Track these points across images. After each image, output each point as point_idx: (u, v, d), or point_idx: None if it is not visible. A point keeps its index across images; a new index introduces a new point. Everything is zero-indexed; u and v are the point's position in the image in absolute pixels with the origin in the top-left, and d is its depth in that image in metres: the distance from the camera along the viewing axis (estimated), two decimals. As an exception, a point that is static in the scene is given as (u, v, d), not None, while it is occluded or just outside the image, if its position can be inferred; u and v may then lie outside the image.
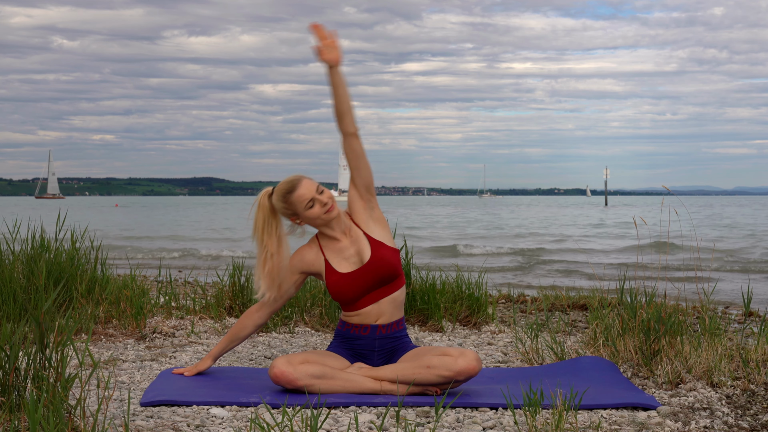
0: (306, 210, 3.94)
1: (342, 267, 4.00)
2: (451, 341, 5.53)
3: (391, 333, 4.01)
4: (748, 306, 5.56)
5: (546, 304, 6.98)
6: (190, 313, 6.13)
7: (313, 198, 3.93)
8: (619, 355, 4.51)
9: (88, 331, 5.26)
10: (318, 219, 3.96)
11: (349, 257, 4.01)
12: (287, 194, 3.95)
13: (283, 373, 3.74)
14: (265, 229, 3.99)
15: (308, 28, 4.05)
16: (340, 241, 4.03)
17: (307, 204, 3.93)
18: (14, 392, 3.06)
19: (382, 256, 3.98)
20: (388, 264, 3.97)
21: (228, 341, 4.17)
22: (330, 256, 4.03)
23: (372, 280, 3.96)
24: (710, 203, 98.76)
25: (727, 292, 10.34)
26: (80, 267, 5.81)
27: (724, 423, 3.50)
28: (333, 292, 4.01)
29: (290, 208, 3.96)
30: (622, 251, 20.10)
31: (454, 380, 3.78)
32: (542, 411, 3.53)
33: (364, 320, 3.99)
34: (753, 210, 62.95)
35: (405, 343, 4.04)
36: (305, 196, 3.93)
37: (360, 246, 4.01)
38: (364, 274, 3.96)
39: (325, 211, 3.95)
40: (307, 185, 3.95)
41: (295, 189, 3.94)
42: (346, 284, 3.97)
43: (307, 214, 3.95)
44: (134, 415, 3.47)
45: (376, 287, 3.98)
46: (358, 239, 4.03)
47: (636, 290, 4.64)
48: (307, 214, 3.95)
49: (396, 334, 4.02)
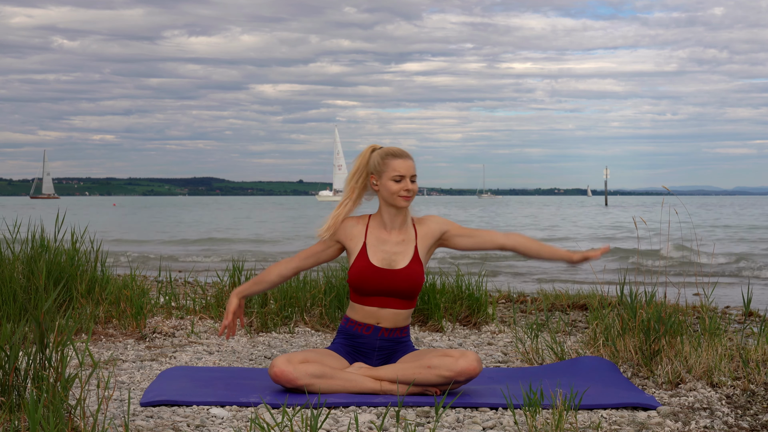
0: (389, 179, 3.97)
1: (375, 258, 3.99)
2: (451, 341, 5.53)
3: (394, 337, 4.00)
4: (748, 306, 5.56)
5: (546, 304, 6.98)
6: (190, 313, 6.14)
7: (403, 176, 3.97)
8: (619, 355, 4.51)
9: (88, 331, 5.26)
10: (391, 196, 3.98)
11: (386, 253, 4.00)
12: (389, 156, 4.00)
13: (282, 372, 3.74)
14: (355, 176, 4.07)
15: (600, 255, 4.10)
16: (388, 232, 4.03)
17: (395, 176, 3.97)
18: (14, 392, 3.06)
19: (414, 272, 3.98)
20: (414, 283, 3.98)
21: (253, 282, 4.21)
22: (370, 240, 4.03)
23: (390, 287, 3.95)
24: (710, 203, 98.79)
25: (727, 292, 10.34)
26: (80, 267, 5.81)
27: (724, 423, 3.50)
28: (352, 275, 3.99)
29: (381, 167, 3.99)
30: (622, 251, 20.10)
31: (454, 381, 3.78)
32: (542, 411, 3.53)
33: (364, 318, 3.99)
34: (753, 210, 62.95)
35: (406, 346, 4.05)
36: (400, 169, 3.97)
37: (402, 250, 4.01)
38: (387, 278, 3.95)
39: (403, 196, 3.97)
40: (409, 164, 4.00)
41: (398, 157, 4.00)
42: (367, 277, 3.95)
43: (388, 185, 3.97)
44: (134, 415, 3.47)
45: (389, 296, 3.97)
46: (405, 243, 4.03)
47: (636, 290, 4.64)
48: (388, 183, 3.97)
49: (398, 339, 4.02)
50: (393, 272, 3.96)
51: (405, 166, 3.98)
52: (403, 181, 3.97)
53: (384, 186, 3.99)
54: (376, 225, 4.06)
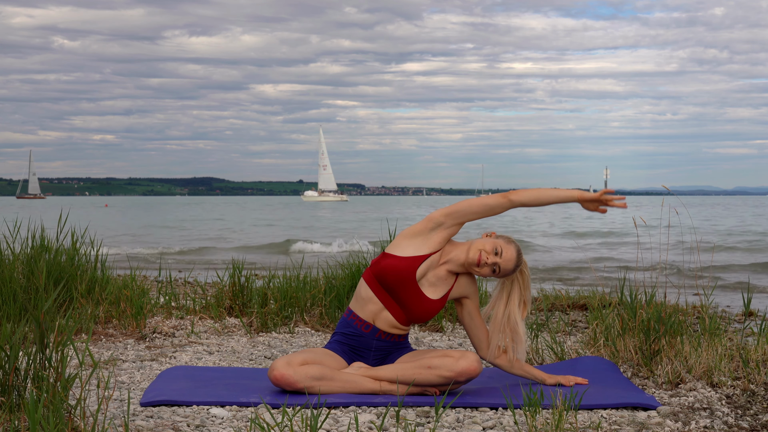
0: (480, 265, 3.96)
1: (428, 285, 3.97)
2: (451, 341, 5.53)
3: (391, 341, 3.99)
4: (748, 306, 5.57)
5: (546, 304, 6.98)
6: (190, 313, 6.13)
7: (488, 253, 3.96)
8: (619, 355, 4.51)
9: (88, 331, 5.26)
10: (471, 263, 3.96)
11: (437, 279, 3.98)
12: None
13: (283, 375, 3.74)
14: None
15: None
16: (450, 271, 4.00)
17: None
18: (14, 392, 3.06)
19: (432, 310, 3.98)
20: (423, 317, 3.98)
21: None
22: (443, 256, 3.99)
23: (407, 301, 3.93)
24: (709, 203, 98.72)
25: (727, 292, 10.34)
26: (80, 267, 5.81)
27: (724, 423, 3.50)
28: (389, 263, 3.92)
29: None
30: (623, 251, 20.10)
31: (454, 381, 3.78)
32: (542, 411, 3.53)
33: (362, 311, 3.97)
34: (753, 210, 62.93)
35: (403, 348, 4.03)
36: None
37: (441, 284, 3.98)
38: (413, 293, 3.94)
39: (484, 271, 3.95)
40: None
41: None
42: (402, 276, 3.92)
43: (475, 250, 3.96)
44: (134, 415, 3.47)
45: (400, 305, 3.96)
46: (446, 281, 3.99)
47: (636, 290, 4.64)
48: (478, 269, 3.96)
49: (396, 342, 4.01)
50: (419, 293, 3.95)
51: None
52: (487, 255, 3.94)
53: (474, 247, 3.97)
54: (454, 262, 4.00)
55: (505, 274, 3.95)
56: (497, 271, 3.93)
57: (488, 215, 4.00)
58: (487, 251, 3.90)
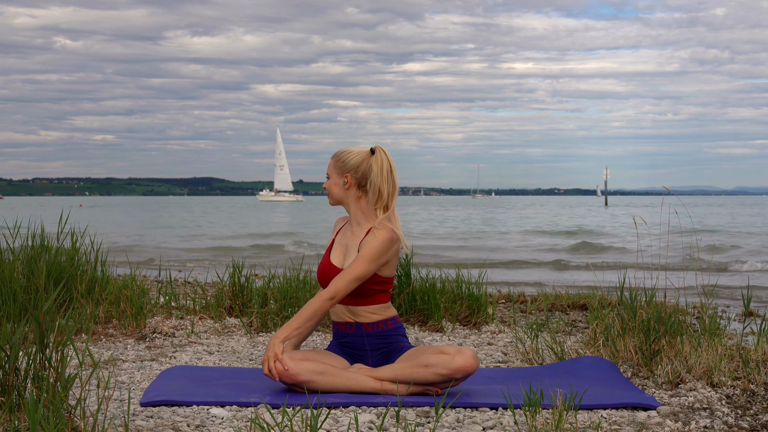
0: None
1: (335, 256, 4.00)
2: (451, 341, 5.53)
3: (380, 331, 3.94)
4: (748, 306, 5.57)
5: (546, 304, 6.98)
6: (190, 313, 6.14)
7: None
8: (619, 355, 4.51)
9: (88, 331, 5.26)
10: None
11: (343, 249, 4.01)
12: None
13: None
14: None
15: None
16: (353, 230, 4.02)
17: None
18: (14, 392, 3.06)
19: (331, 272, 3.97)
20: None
21: None
22: (338, 238, 4.05)
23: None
24: (709, 203, 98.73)
25: (727, 292, 10.33)
26: (80, 267, 5.81)
27: (724, 423, 3.50)
28: (317, 273, 4.03)
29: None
30: (623, 251, 20.10)
31: (452, 378, 3.76)
32: (542, 411, 3.53)
33: (338, 317, 3.99)
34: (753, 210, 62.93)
35: (400, 343, 3.98)
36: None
37: (354, 250, 3.97)
38: (333, 274, 3.94)
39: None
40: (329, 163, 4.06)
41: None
42: (320, 273, 3.98)
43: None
44: (134, 415, 3.47)
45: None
46: (356, 238, 3.99)
47: (636, 290, 4.64)
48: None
49: (386, 332, 3.94)
50: (337, 269, 3.95)
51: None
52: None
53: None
54: (349, 223, 4.07)
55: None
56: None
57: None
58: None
